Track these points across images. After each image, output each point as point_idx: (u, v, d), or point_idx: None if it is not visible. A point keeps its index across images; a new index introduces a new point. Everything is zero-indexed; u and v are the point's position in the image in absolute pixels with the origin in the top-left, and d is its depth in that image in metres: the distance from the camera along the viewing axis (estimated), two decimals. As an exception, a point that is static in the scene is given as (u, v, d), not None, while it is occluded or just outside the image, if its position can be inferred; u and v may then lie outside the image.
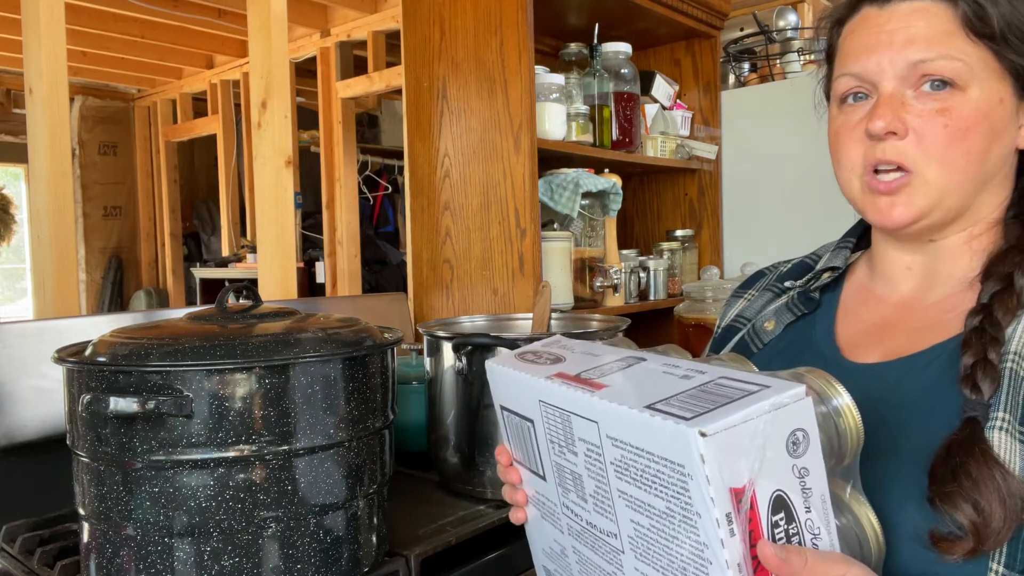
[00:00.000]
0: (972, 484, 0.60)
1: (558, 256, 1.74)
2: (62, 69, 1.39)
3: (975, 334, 0.67)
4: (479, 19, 1.69)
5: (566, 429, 0.63)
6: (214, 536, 0.83)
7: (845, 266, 0.86)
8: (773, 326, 0.86)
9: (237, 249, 3.93)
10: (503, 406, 0.75)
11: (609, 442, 0.57)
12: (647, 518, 0.56)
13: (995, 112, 0.71)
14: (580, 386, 0.61)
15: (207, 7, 3.15)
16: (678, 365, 0.59)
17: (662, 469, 0.52)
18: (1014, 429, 0.63)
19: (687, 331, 2.01)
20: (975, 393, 0.64)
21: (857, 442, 0.57)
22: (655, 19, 2.08)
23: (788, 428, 0.51)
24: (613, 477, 0.58)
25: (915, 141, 0.71)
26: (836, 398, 0.57)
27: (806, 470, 0.52)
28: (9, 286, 5.82)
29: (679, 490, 0.51)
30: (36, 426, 1.18)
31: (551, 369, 0.67)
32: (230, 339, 0.85)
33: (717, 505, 0.49)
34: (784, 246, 1.17)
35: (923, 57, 0.70)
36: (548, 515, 0.73)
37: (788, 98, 2.16)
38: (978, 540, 0.59)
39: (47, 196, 1.38)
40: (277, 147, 1.63)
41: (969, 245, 0.75)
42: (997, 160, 0.73)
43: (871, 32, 0.73)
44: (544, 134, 1.72)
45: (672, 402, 0.53)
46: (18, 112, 4.38)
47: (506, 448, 0.76)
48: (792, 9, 2.41)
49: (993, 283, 0.70)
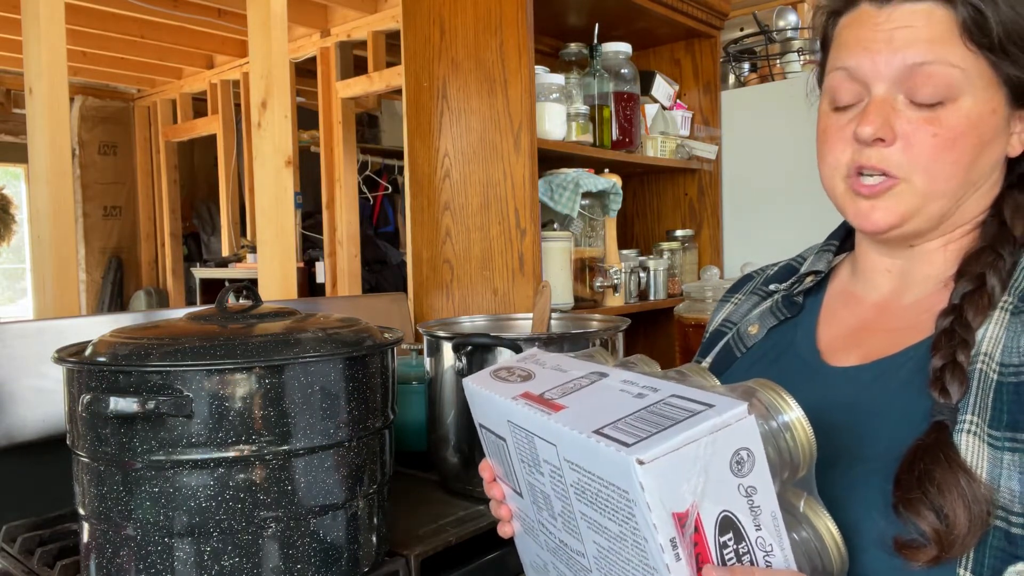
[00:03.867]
0: (936, 491, 0.59)
1: (558, 256, 1.74)
2: (62, 69, 1.39)
3: (944, 336, 0.66)
4: (479, 19, 1.69)
5: (532, 450, 0.63)
6: (214, 536, 0.83)
7: (828, 269, 0.86)
8: (757, 330, 0.86)
9: (237, 249, 3.93)
10: (481, 424, 0.75)
11: (567, 465, 0.57)
12: (606, 540, 0.56)
13: (986, 122, 0.70)
14: (541, 407, 0.60)
15: (207, 7, 3.15)
16: (635, 382, 0.59)
17: (611, 494, 0.52)
18: (982, 432, 0.62)
19: (687, 331, 2.01)
20: (943, 396, 0.63)
21: (810, 455, 0.56)
22: (655, 19, 2.08)
23: (731, 448, 0.50)
24: (574, 499, 0.58)
25: (903, 148, 0.70)
26: (786, 412, 0.56)
27: (753, 488, 0.52)
28: (9, 286, 5.82)
29: (627, 515, 0.51)
30: (36, 426, 1.18)
31: (519, 388, 0.67)
32: (230, 339, 0.85)
33: (660, 531, 0.49)
34: (784, 246, 1.17)
35: (921, 60, 0.68)
36: (529, 531, 0.73)
37: (788, 98, 2.15)
38: (941, 547, 0.58)
39: (47, 196, 1.38)
40: (277, 147, 1.63)
41: (946, 247, 0.74)
42: (985, 169, 0.72)
43: (869, 29, 0.72)
44: (544, 134, 1.72)
45: (619, 425, 0.52)
46: (18, 112, 4.38)
47: (489, 464, 0.76)
48: (792, 9, 2.41)
49: (965, 283, 0.69)
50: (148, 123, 4.50)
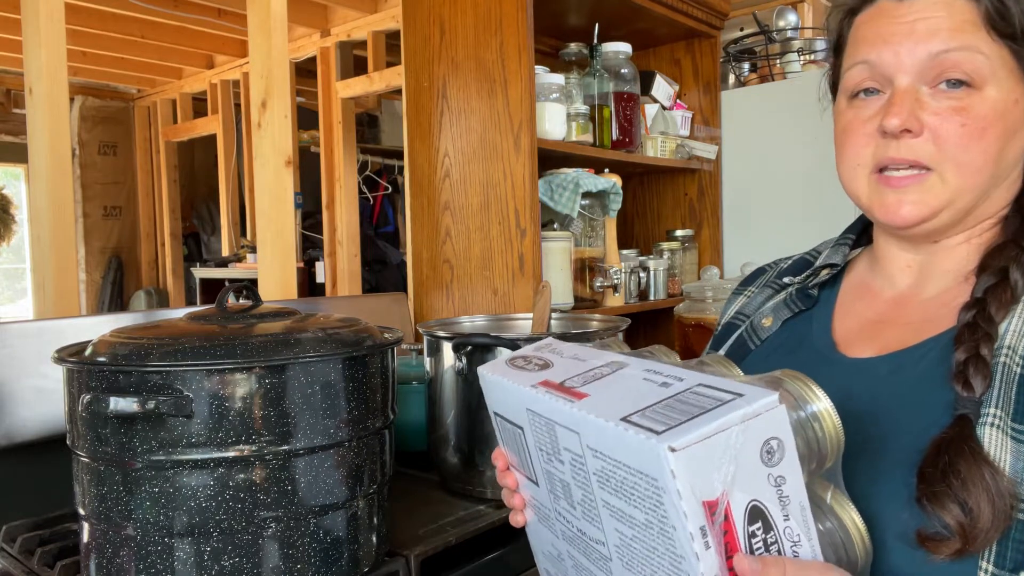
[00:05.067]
0: (961, 484, 0.59)
1: (558, 256, 1.74)
2: (62, 69, 1.39)
3: (968, 329, 0.66)
4: (479, 19, 1.69)
5: (552, 438, 0.62)
6: (214, 536, 0.83)
7: (844, 263, 0.86)
8: (771, 322, 0.86)
9: (237, 249, 3.93)
10: (496, 412, 0.74)
11: (590, 453, 0.56)
12: (629, 528, 0.55)
13: (1011, 113, 0.69)
14: (562, 395, 0.60)
15: (207, 7, 3.15)
16: (659, 371, 0.59)
17: (638, 482, 0.51)
18: (1006, 425, 0.62)
19: (687, 331, 2.01)
20: (967, 390, 0.63)
21: (837, 446, 0.56)
22: (655, 19, 2.08)
23: (762, 438, 0.50)
24: (596, 487, 0.58)
25: (932, 139, 0.69)
26: (814, 402, 0.56)
27: (782, 478, 0.51)
28: (9, 286, 5.82)
29: (655, 503, 0.51)
30: (36, 426, 1.18)
31: (538, 376, 0.66)
32: (230, 339, 0.85)
33: (690, 519, 0.48)
34: (784, 246, 1.17)
35: (945, 47, 0.68)
36: (543, 520, 0.72)
37: (788, 98, 2.15)
38: (965, 541, 0.58)
39: (47, 196, 1.38)
40: (277, 147, 1.63)
41: (969, 242, 0.74)
42: (1011, 161, 0.71)
43: (888, 22, 0.71)
44: (544, 134, 1.72)
45: (647, 413, 0.52)
46: (18, 112, 4.38)
47: (503, 452, 0.76)
48: (792, 9, 2.41)
49: (988, 277, 0.69)
50: (148, 123, 4.50)
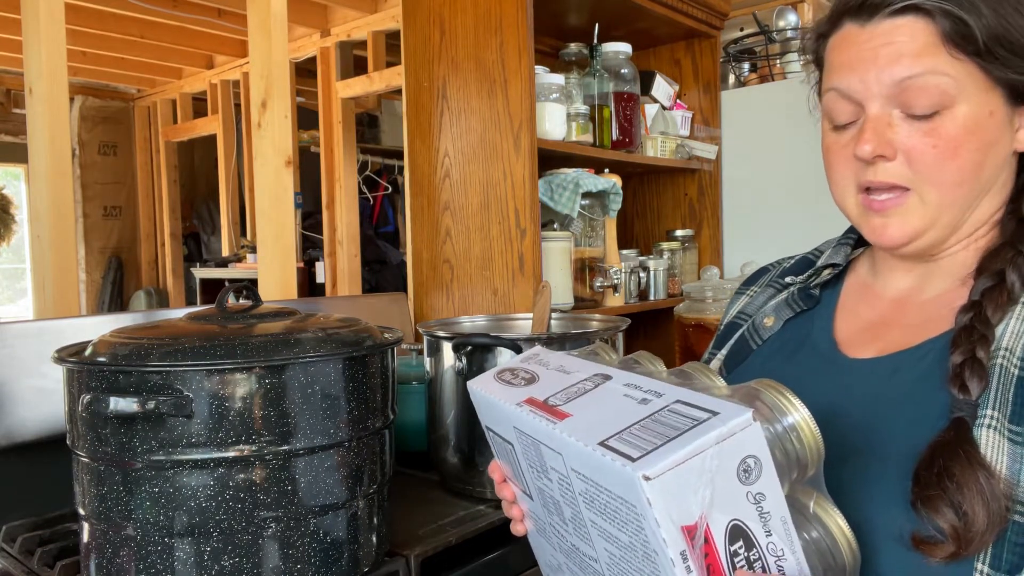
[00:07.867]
0: (955, 488, 0.59)
1: (558, 256, 1.74)
2: (62, 69, 1.39)
3: (964, 332, 0.66)
4: (479, 19, 1.69)
5: (539, 457, 0.62)
6: (214, 536, 0.83)
7: (846, 263, 0.86)
8: (772, 322, 0.86)
9: (237, 249, 3.93)
10: (488, 427, 0.75)
11: (575, 475, 0.56)
12: (617, 549, 0.55)
13: (985, 125, 0.69)
14: (545, 415, 0.60)
15: (207, 7, 3.15)
16: (639, 385, 0.58)
17: (619, 506, 0.51)
18: (1002, 427, 0.62)
19: (687, 331, 2.01)
20: (963, 392, 0.64)
21: (817, 454, 0.56)
22: (655, 19, 2.08)
23: (738, 457, 0.49)
24: (583, 507, 0.58)
25: (905, 162, 0.70)
26: (791, 413, 0.55)
27: (762, 495, 0.51)
28: (9, 286, 5.82)
29: (636, 527, 0.51)
30: (36, 426, 1.18)
31: (523, 393, 0.66)
32: (230, 339, 0.85)
33: (670, 545, 0.48)
34: (784, 246, 1.17)
35: (909, 73, 0.68)
36: (541, 532, 0.73)
37: (788, 98, 2.15)
38: (959, 544, 0.58)
39: (47, 196, 1.38)
40: (277, 147, 1.63)
41: (967, 248, 0.75)
42: (993, 170, 0.72)
43: (854, 49, 0.72)
44: (544, 134, 1.72)
45: (624, 436, 0.52)
46: (18, 112, 4.38)
47: (499, 465, 0.76)
48: (792, 9, 2.41)
49: (985, 279, 0.69)
50: (148, 123, 4.50)
